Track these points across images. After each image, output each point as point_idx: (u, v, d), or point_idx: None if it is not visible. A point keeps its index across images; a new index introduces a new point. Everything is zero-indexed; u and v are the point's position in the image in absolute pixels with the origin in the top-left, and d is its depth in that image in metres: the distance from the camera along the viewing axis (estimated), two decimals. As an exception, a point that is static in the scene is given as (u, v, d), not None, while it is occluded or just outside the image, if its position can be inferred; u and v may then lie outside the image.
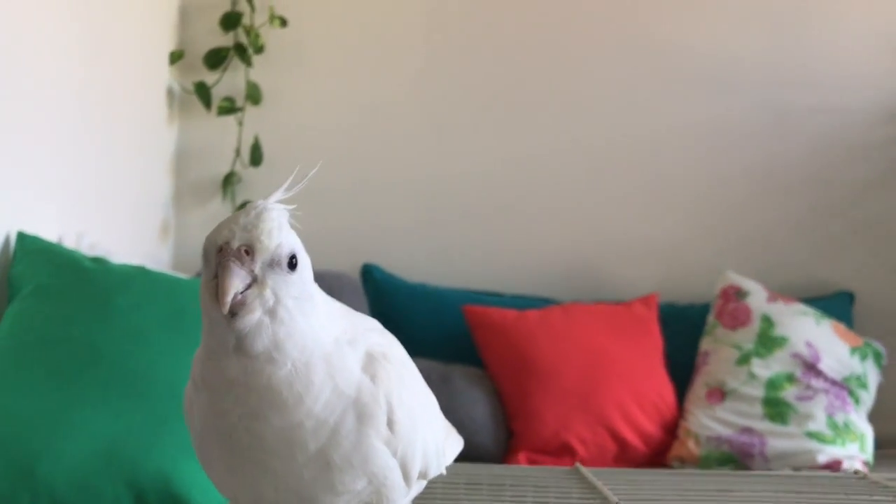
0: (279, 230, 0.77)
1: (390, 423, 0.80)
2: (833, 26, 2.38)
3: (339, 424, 0.77)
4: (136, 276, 1.36)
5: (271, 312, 0.75)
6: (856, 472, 1.57)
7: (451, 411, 2.01)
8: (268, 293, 0.75)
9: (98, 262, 1.40)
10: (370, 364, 0.81)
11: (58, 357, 1.24)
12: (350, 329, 0.82)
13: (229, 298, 0.73)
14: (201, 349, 0.79)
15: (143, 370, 1.26)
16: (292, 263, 0.77)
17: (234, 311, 0.74)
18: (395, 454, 0.80)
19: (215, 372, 0.77)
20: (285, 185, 0.82)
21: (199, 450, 0.81)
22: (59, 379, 1.22)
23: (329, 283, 2.13)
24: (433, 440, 0.88)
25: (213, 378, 0.77)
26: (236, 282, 0.73)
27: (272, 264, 0.76)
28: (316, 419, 0.76)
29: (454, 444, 1.01)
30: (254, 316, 0.74)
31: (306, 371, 0.76)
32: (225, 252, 0.74)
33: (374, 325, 0.89)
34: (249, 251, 0.75)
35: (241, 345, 0.75)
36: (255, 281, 0.75)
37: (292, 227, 0.80)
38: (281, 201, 0.81)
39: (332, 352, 0.78)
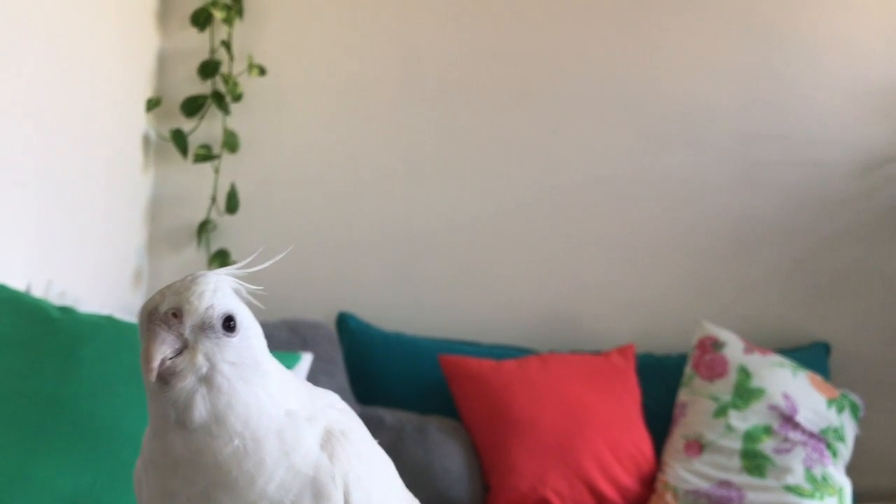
0: (213, 293, 0.74)
1: None
2: (807, 80, 2.42)
3: None
4: (104, 326, 1.34)
5: (207, 380, 0.72)
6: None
7: (427, 464, 1.99)
8: (200, 358, 0.72)
9: (65, 311, 1.37)
10: (328, 441, 0.77)
11: (20, 410, 1.21)
12: (309, 404, 0.79)
13: (154, 364, 0.70)
14: (149, 427, 0.76)
15: (109, 423, 1.23)
16: (229, 326, 0.74)
17: (166, 380, 0.71)
18: None
19: (161, 450, 0.74)
20: (241, 264, 0.79)
21: None
22: (20, 433, 1.18)
23: (304, 331, 2.11)
24: None
25: (159, 457, 0.74)
26: (162, 347, 0.70)
27: (204, 327, 0.73)
28: (270, 500, 0.72)
29: None
30: (185, 383, 0.71)
31: (256, 448, 0.72)
32: (153, 316, 0.72)
33: (334, 399, 0.86)
34: (178, 314, 0.72)
35: (180, 417, 0.72)
36: (186, 346, 0.72)
37: (244, 297, 0.77)
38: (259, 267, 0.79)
39: (285, 427, 0.75)
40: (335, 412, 0.82)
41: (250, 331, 0.76)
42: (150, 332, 0.71)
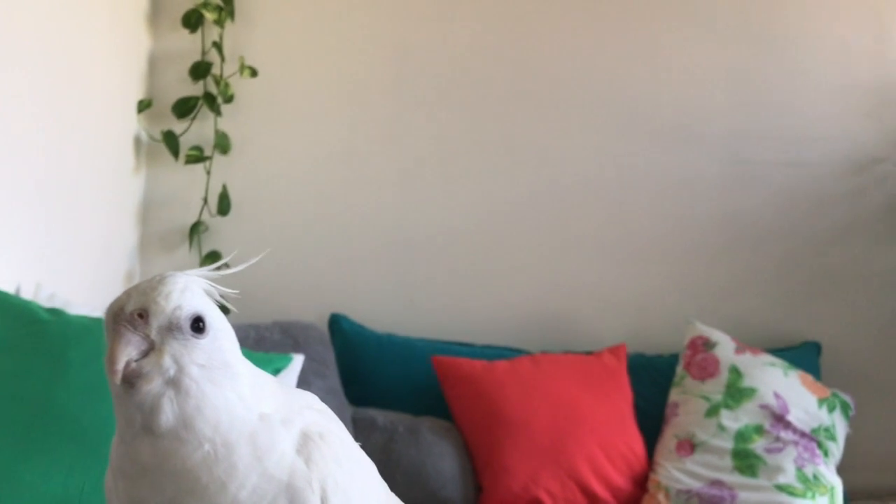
0: (181, 293, 0.71)
1: None
2: (796, 82, 2.42)
3: None
4: (93, 328, 1.33)
5: (174, 383, 0.69)
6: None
7: (420, 464, 1.99)
8: (167, 360, 0.69)
9: (54, 313, 1.36)
10: (305, 445, 0.74)
11: (8, 413, 1.20)
12: (284, 406, 0.76)
13: (119, 366, 0.68)
14: (116, 433, 0.74)
15: (98, 425, 1.22)
16: (198, 328, 0.71)
17: (132, 382, 0.69)
18: None
19: (128, 457, 0.71)
20: (213, 266, 0.77)
21: None
22: (9, 435, 1.18)
23: (296, 333, 2.11)
24: None
25: (127, 464, 0.71)
26: (128, 348, 0.68)
27: (171, 328, 0.70)
28: None
29: None
30: (152, 386, 0.69)
31: (227, 453, 0.70)
32: (119, 317, 0.70)
33: (312, 401, 0.83)
34: (144, 315, 0.70)
35: (147, 422, 0.70)
36: (152, 348, 0.70)
37: (217, 300, 0.75)
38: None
39: (259, 431, 0.72)
40: (313, 414, 0.80)
41: (220, 332, 0.74)
42: (115, 333, 0.69)
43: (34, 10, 1.73)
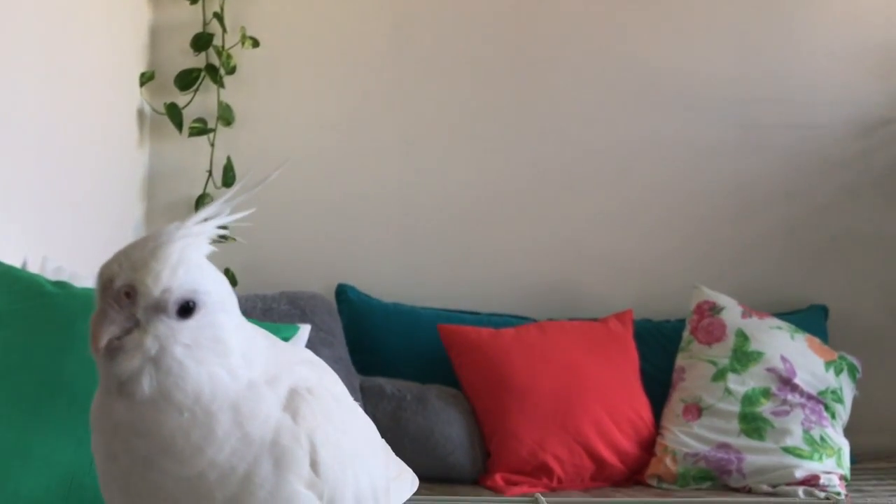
0: (172, 272, 0.69)
1: (314, 465, 0.73)
2: (802, 44, 2.40)
3: (251, 472, 0.70)
4: (100, 301, 1.33)
5: (155, 361, 0.68)
6: (827, 497, 1.61)
7: (428, 431, 2.01)
8: (149, 341, 0.68)
9: (61, 286, 1.37)
10: (292, 401, 0.73)
11: (17, 385, 1.21)
12: (273, 366, 0.75)
13: (101, 344, 0.67)
14: (98, 387, 0.73)
15: (107, 397, 1.23)
16: (187, 308, 0.69)
17: (113, 355, 0.68)
18: (321, 498, 0.73)
19: (102, 412, 0.71)
20: (206, 212, 0.75)
21: (104, 496, 0.75)
22: (18, 408, 1.18)
23: (303, 303, 2.12)
24: (369, 480, 0.80)
25: (101, 418, 0.71)
26: (111, 327, 0.67)
27: (157, 310, 0.68)
28: (220, 469, 0.69)
29: (405, 484, 0.94)
30: (132, 364, 0.68)
31: (206, 420, 0.69)
32: (107, 290, 0.68)
33: (306, 356, 0.82)
34: (131, 293, 0.68)
35: (122, 388, 0.69)
36: (137, 325, 0.68)
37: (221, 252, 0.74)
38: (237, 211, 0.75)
39: (243, 398, 0.71)
40: (304, 369, 0.78)
41: (215, 305, 0.72)
42: (100, 310, 0.68)
43: (33, -18, 1.71)
